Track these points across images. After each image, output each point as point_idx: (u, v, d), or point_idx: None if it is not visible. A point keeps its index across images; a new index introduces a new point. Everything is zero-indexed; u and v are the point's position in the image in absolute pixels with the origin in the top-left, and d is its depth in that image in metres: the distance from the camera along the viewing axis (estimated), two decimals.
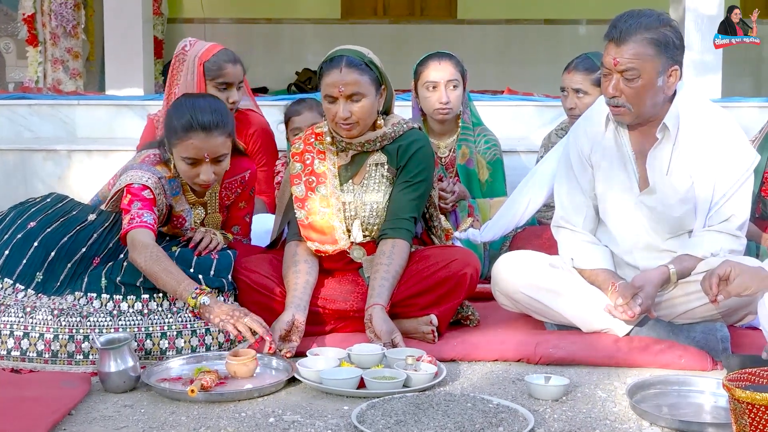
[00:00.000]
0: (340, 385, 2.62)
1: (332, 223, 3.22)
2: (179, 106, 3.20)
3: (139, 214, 3.03)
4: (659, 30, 2.93)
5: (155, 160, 3.21)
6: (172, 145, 3.15)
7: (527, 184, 3.69)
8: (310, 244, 3.22)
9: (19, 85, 7.97)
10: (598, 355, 2.94)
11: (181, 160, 3.14)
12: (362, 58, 3.19)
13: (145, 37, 7.04)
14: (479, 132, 4.22)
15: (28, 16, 7.82)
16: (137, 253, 2.96)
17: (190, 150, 3.11)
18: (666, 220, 3.09)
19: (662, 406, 2.52)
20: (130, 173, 3.14)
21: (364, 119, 3.19)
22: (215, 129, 3.11)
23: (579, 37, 9.96)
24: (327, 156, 3.29)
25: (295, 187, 3.27)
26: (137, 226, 3.01)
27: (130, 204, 3.06)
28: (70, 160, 5.43)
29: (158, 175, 3.16)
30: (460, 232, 3.75)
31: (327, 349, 2.92)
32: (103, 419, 2.45)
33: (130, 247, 2.99)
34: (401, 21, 10.18)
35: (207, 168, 3.13)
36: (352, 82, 3.14)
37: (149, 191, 3.09)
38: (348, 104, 3.15)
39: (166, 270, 2.93)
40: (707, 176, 3.01)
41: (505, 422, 2.32)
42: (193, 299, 2.86)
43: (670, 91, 3.01)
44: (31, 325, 2.90)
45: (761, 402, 1.99)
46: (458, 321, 3.29)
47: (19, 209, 3.24)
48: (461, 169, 4.15)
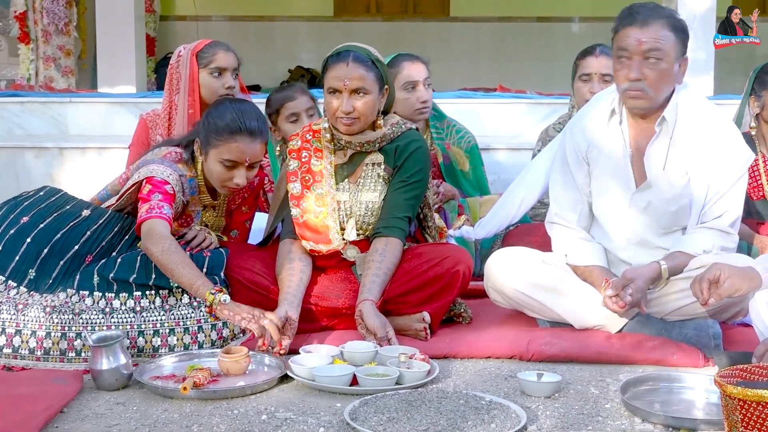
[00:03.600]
0: (333, 382, 2.62)
1: (327, 222, 3.22)
2: (223, 108, 3.20)
3: (159, 206, 3.03)
4: (676, 17, 3.00)
5: (176, 157, 3.20)
6: (211, 145, 3.14)
7: (522, 181, 3.69)
8: (305, 243, 3.22)
9: (10, 83, 7.95)
10: (590, 352, 2.95)
11: (219, 162, 3.14)
12: (369, 56, 3.20)
13: (138, 34, 7.03)
14: (447, 125, 4.22)
15: (20, 13, 7.80)
16: (153, 243, 2.95)
17: (233, 152, 3.11)
18: (661, 216, 3.10)
19: (654, 403, 2.52)
20: (152, 167, 3.13)
21: (365, 116, 3.19)
22: (259, 135, 3.15)
23: (571, 34, 9.97)
24: (324, 154, 3.29)
25: (291, 185, 3.27)
26: (156, 217, 3.00)
27: (150, 194, 3.06)
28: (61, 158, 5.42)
29: (179, 173, 3.16)
30: (454, 230, 3.74)
31: (320, 347, 2.92)
32: (96, 417, 2.45)
33: (146, 236, 2.98)
34: (394, 19, 10.18)
35: (242, 172, 3.14)
36: (358, 77, 3.14)
37: (170, 187, 3.09)
38: (351, 99, 3.15)
39: (183, 263, 2.92)
40: (703, 173, 3.02)
41: (497, 419, 2.32)
42: (211, 295, 2.85)
43: (680, 80, 3.03)
44: (23, 322, 2.89)
45: (753, 398, 2.00)
46: (451, 318, 3.29)
47: (12, 203, 3.21)
48: (444, 168, 4.14)
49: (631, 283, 2.94)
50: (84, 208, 3.22)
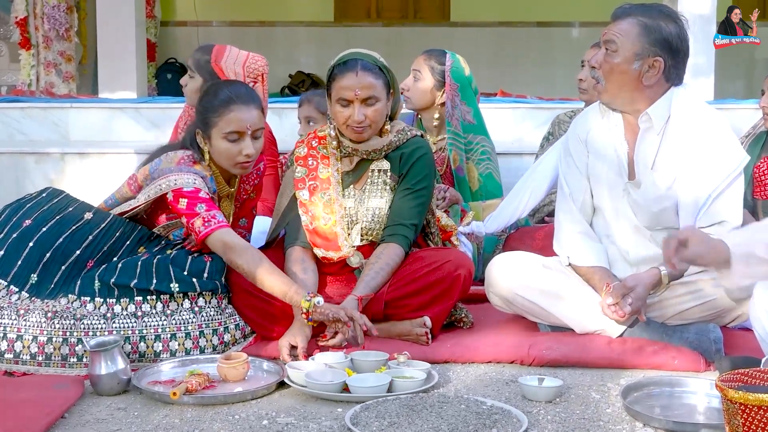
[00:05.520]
0: (325, 389, 2.61)
1: (335, 229, 3.23)
2: (213, 89, 3.25)
3: (212, 215, 3.03)
4: (655, 19, 2.97)
5: (190, 161, 3.19)
6: (211, 126, 3.16)
7: (531, 176, 3.76)
8: (317, 250, 3.22)
9: (11, 88, 7.97)
10: (591, 357, 2.95)
11: (223, 138, 3.14)
12: (375, 62, 3.20)
13: (138, 40, 7.04)
14: (476, 142, 4.19)
15: (21, 19, 7.81)
16: (236, 254, 2.97)
17: (232, 123, 3.13)
18: (645, 214, 3.09)
19: (655, 407, 2.52)
20: (172, 177, 3.10)
21: (376, 123, 3.20)
22: (252, 102, 3.17)
23: (572, 39, 9.98)
24: (331, 161, 3.29)
25: (299, 192, 3.28)
26: (218, 227, 3.01)
27: (192, 207, 3.04)
28: (62, 163, 5.43)
29: (201, 175, 3.15)
30: (464, 226, 3.77)
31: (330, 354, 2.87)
32: (96, 422, 2.45)
33: (226, 249, 2.99)
34: (394, 24, 10.20)
35: (249, 142, 3.15)
36: (368, 86, 3.14)
37: (204, 192, 3.09)
38: (362, 108, 3.15)
39: (271, 272, 2.95)
40: (693, 175, 3.01)
41: (498, 424, 2.32)
42: (307, 302, 2.86)
43: (647, 81, 3.00)
44: (24, 327, 2.89)
45: (754, 402, 2.00)
46: (452, 323, 3.28)
47: (14, 206, 3.20)
48: (456, 177, 4.15)
49: (631, 291, 2.94)
50: (86, 211, 3.20)
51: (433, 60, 4.17)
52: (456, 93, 4.14)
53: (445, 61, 4.15)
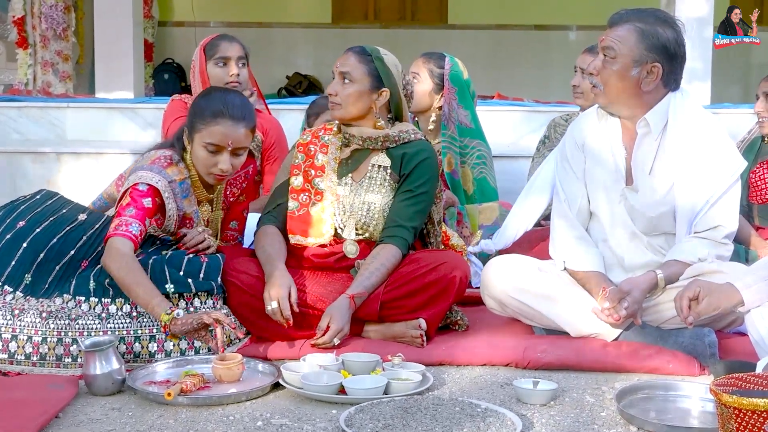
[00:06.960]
0: (320, 390, 2.61)
1: (322, 216, 3.24)
2: (209, 94, 3.25)
3: (127, 222, 3.00)
4: (652, 25, 2.98)
5: (165, 162, 3.17)
6: (196, 130, 3.15)
7: (531, 188, 3.76)
8: (291, 237, 3.26)
9: (8, 88, 7.95)
10: (586, 360, 2.95)
11: (203, 146, 3.13)
12: (372, 52, 3.29)
13: (136, 40, 7.04)
14: (473, 144, 4.20)
15: (18, 18, 7.80)
16: (111, 260, 2.94)
17: (215, 136, 3.11)
18: (642, 219, 3.10)
19: (650, 411, 2.52)
20: (140, 173, 3.11)
21: (345, 102, 3.26)
22: (242, 121, 3.15)
23: (569, 42, 10.00)
24: (330, 150, 3.33)
25: (293, 178, 3.32)
26: (120, 234, 2.98)
27: (125, 208, 3.04)
28: (58, 163, 5.43)
29: (168, 179, 3.14)
30: (473, 246, 3.78)
31: (321, 355, 2.88)
32: (91, 422, 2.45)
33: (107, 252, 2.97)
34: (392, 26, 10.20)
35: (226, 158, 3.14)
36: (347, 64, 3.28)
37: (150, 200, 3.06)
38: (338, 82, 3.27)
39: (138, 282, 2.91)
40: (690, 181, 3.02)
41: (493, 426, 2.32)
42: (166, 315, 2.83)
43: (646, 87, 3.01)
44: (19, 327, 2.89)
45: (748, 407, 2.00)
46: (447, 326, 3.28)
47: (8, 207, 3.21)
48: (447, 176, 4.15)
49: (627, 295, 2.95)
50: (80, 212, 3.21)
51: (432, 63, 4.17)
52: (454, 96, 4.14)
53: (444, 64, 4.16)
